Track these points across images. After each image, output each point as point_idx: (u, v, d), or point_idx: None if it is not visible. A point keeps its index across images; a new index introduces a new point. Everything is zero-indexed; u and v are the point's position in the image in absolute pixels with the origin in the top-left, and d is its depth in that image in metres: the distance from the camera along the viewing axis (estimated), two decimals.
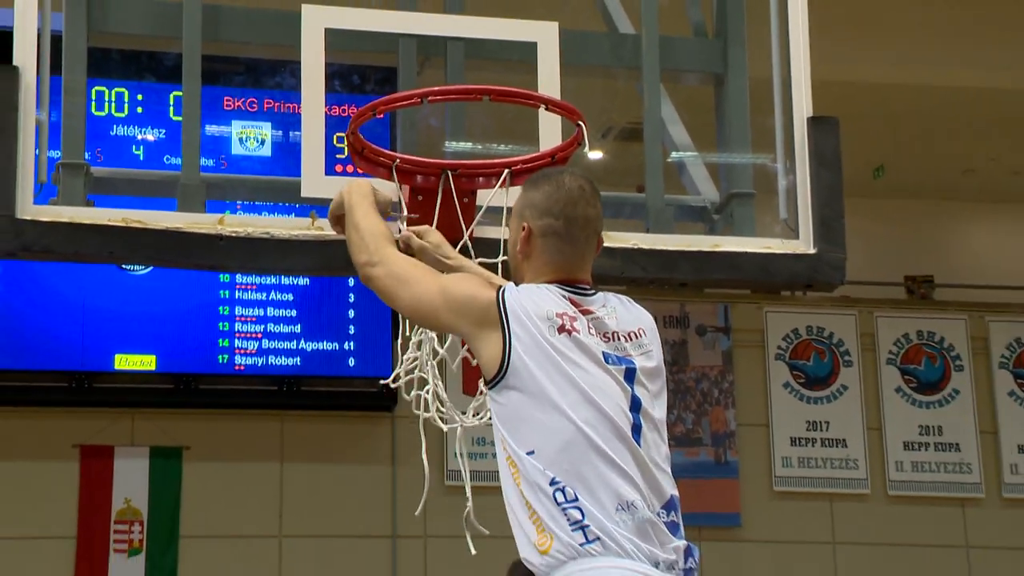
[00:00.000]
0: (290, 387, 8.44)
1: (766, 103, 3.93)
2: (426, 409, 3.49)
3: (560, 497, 2.71)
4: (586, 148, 3.50)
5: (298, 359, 8.43)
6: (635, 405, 2.82)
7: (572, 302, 2.88)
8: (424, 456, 3.50)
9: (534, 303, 2.84)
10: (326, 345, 8.47)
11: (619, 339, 2.89)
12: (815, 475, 9.30)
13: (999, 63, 9.48)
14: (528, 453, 2.76)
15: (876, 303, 9.88)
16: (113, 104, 8.14)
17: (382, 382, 3.67)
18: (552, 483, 2.73)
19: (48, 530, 8.28)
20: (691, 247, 3.80)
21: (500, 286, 2.93)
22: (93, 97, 7.99)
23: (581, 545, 2.68)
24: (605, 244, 3.63)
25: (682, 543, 2.78)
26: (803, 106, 3.86)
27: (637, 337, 2.92)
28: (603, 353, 2.84)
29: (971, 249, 12.35)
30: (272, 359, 8.40)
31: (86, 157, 3.71)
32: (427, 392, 3.50)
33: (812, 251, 3.80)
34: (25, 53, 3.51)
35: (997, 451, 9.50)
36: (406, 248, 3.33)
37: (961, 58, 9.40)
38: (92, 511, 8.34)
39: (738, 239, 3.85)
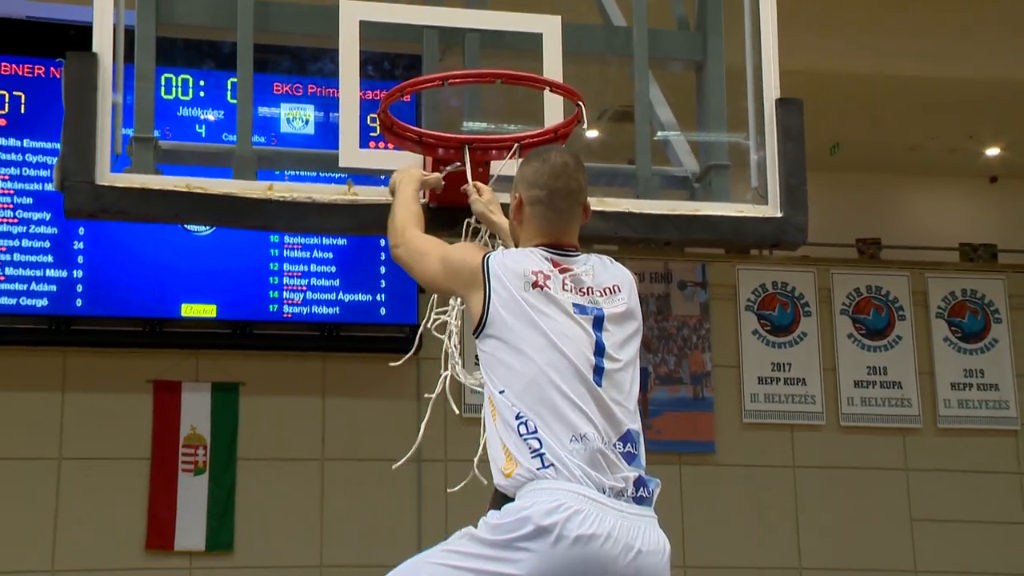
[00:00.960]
0: (330, 332, 8.43)
1: (740, 87, 3.89)
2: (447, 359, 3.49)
3: (523, 429, 2.70)
4: (585, 125, 3.47)
5: (337, 308, 8.42)
6: (599, 350, 2.79)
7: (553, 262, 2.86)
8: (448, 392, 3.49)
9: (515, 262, 2.83)
10: (361, 296, 8.46)
11: (593, 293, 2.86)
12: (778, 409, 9.30)
13: (939, 55, 9.42)
14: (500, 392, 2.75)
15: (832, 262, 9.84)
16: (179, 89, 8.10)
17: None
18: (517, 417, 2.71)
19: (127, 452, 8.31)
20: (675, 211, 3.77)
21: (488, 251, 2.92)
22: (162, 83, 7.96)
23: (538, 470, 2.67)
24: (602, 208, 3.61)
25: (634, 473, 2.73)
26: (772, 90, 3.82)
27: (612, 292, 2.89)
28: (574, 304, 2.81)
29: (913, 215, 12.30)
30: (315, 308, 8.39)
31: (155, 134, 3.68)
32: (452, 341, 3.49)
33: (779, 215, 3.77)
34: (103, 43, 3.48)
35: (933, 388, 9.48)
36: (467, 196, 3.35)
37: (907, 51, 9.34)
38: (163, 436, 8.36)
39: (715, 204, 3.82)
